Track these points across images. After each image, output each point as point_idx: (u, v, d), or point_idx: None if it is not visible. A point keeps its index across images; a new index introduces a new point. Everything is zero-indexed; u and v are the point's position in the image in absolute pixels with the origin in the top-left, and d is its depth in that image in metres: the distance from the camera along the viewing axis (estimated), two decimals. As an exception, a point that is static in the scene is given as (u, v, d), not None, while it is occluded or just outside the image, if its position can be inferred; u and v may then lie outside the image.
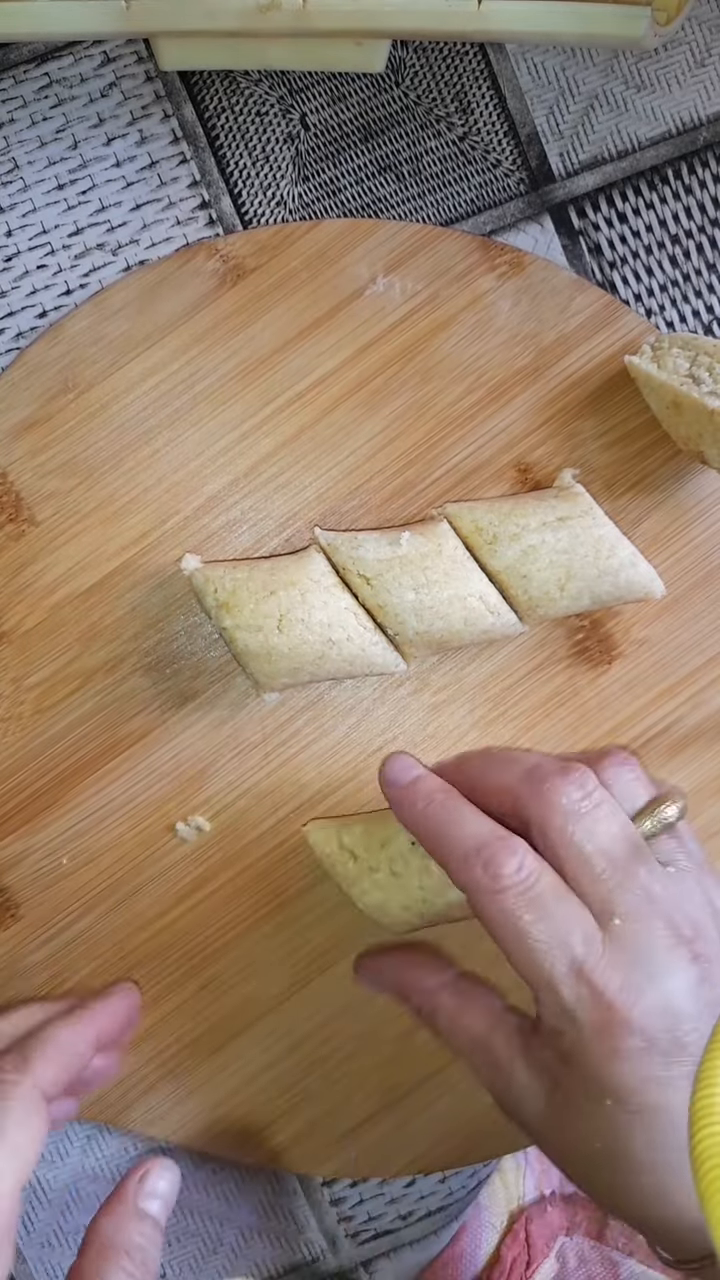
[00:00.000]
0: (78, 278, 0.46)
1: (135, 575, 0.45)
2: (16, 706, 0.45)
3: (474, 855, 0.35)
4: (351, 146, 0.46)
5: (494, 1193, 0.48)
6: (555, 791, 0.35)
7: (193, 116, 0.46)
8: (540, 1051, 0.35)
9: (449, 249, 0.44)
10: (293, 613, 0.41)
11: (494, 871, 0.34)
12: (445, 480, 0.45)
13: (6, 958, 0.46)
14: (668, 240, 0.47)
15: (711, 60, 0.46)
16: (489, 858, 0.35)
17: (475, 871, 0.35)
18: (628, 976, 0.33)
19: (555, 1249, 0.46)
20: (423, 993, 0.39)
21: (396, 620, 0.41)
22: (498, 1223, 0.47)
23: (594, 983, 0.33)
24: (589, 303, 0.45)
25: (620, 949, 0.34)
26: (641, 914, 0.34)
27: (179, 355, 0.44)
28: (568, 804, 0.35)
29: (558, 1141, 0.36)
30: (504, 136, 0.46)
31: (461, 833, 0.36)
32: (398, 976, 0.41)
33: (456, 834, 0.36)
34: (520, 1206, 0.48)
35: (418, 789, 0.38)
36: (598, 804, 0.35)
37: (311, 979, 0.46)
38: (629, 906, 0.34)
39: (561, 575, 0.41)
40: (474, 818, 0.36)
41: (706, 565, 0.45)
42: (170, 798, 0.45)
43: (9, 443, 0.44)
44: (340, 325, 0.44)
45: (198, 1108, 0.47)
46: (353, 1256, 0.49)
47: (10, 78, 0.45)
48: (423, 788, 0.38)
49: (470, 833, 0.36)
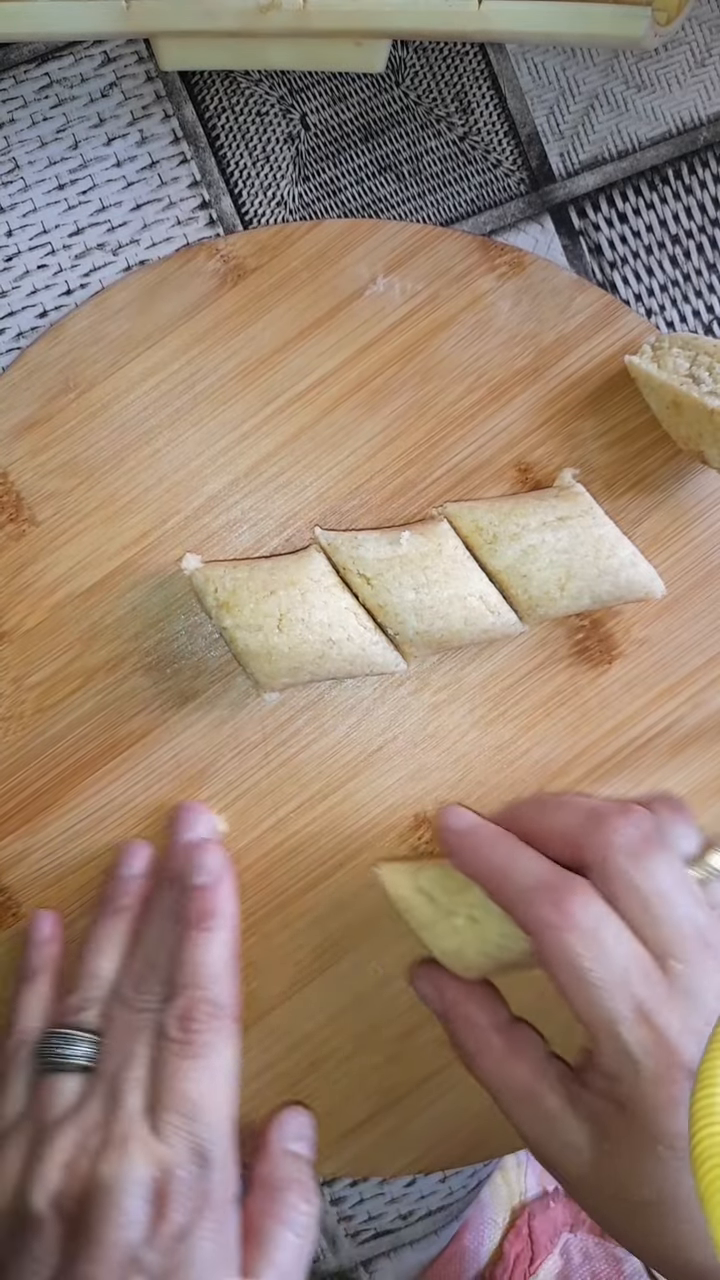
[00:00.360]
0: (78, 278, 0.46)
1: (136, 575, 0.45)
2: (17, 706, 0.45)
3: (540, 892, 0.35)
4: (351, 146, 0.46)
5: (496, 1190, 0.48)
6: (616, 832, 0.35)
7: (193, 116, 0.46)
8: (590, 1099, 0.35)
9: (449, 249, 0.44)
10: (293, 612, 0.41)
11: (562, 910, 0.34)
12: (445, 480, 0.45)
13: (7, 958, 0.46)
14: (668, 240, 0.47)
15: (711, 60, 0.46)
16: (555, 897, 0.35)
17: (542, 908, 0.35)
18: (686, 1020, 0.33)
19: (559, 1245, 0.46)
20: (474, 1029, 0.39)
21: (396, 620, 0.41)
22: (500, 1219, 0.47)
23: (656, 1025, 0.33)
24: (589, 303, 0.45)
25: (679, 992, 0.33)
26: (699, 959, 0.34)
27: (179, 355, 0.44)
28: (628, 844, 0.35)
29: (602, 1190, 0.35)
30: (504, 136, 0.46)
31: (526, 871, 0.36)
32: (455, 1005, 0.40)
33: (521, 872, 0.36)
34: (523, 1202, 0.48)
35: (478, 834, 0.39)
36: (657, 847, 0.35)
37: (311, 979, 0.46)
38: (687, 950, 0.34)
39: (562, 575, 0.41)
40: (536, 858, 0.37)
41: (706, 565, 0.45)
42: (170, 798, 0.45)
43: (9, 443, 0.44)
44: (340, 325, 0.45)
45: (198, 1107, 0.47)
46: (353, 1256, 0.49)
47: (10, 78, 0.45)
48: (483, 832, 0.39)
49: (535, 871, 0.36)
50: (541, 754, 0.46)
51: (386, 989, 0.46)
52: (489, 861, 0.38)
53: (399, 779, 0.46)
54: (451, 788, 0.46)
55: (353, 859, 0.46)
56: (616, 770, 0.46)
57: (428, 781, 0.46)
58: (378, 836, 0.46)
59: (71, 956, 0.46)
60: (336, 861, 0.46)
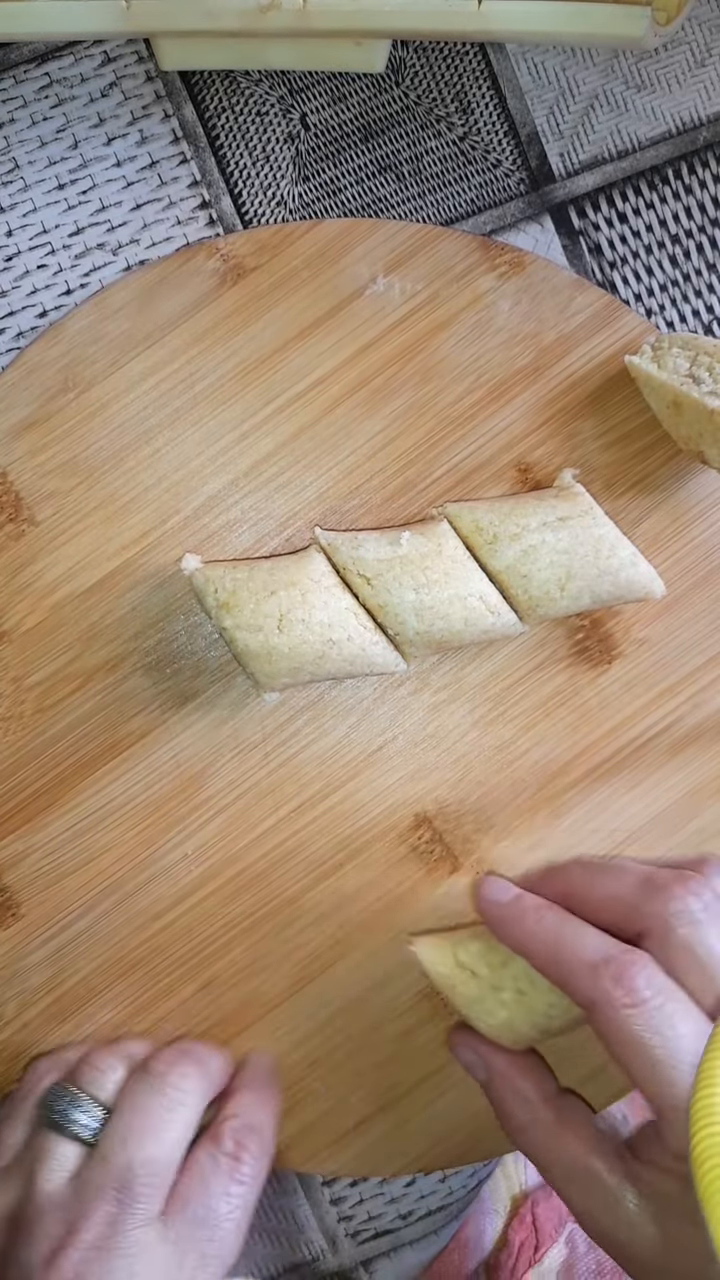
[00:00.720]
0: (78, 277, 0.46)
1: (135, 575, 0.45)
2: (17, 706, 0.45)
3: (602, 968, 0.34)
4: (351, 146, 0.46)
5: (495, 1184, 0.48)
6: (676, 900, 0.34)
7: (193, 116, 0.46)
8: (654, 1176, 0.34)
9: (449, 249, 0.44)
10: (293, 613, 0.41)
11: (627, 985, 0.33)
12: (445, 480, 0.45)
13: (6, 957, 0.46)
14: (668, 240, 0.47)
15: (711, 60, 0.46)
16: (618, 972, 0.33)
17: (604, 985, 0.34)
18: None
19: (564, 1234, 0.46)
20: (523, 1101, 0.38)
21: (396, 620, 0.41)
22: (501, 1208, 0.47)
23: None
24: (589, 303, 0.45)
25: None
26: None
27: (179, 355, 0.44)
28: (688, 913, 0.34)
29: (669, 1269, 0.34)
30: (504, 136, 0.46)
31: (583, 945, 0.35)
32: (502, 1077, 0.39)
33: (577, 947, 0.35)
34: (524, 1191, 0.48)
35: (523, 905, 0.37)
36: (716, 915, 0.34)
37: (311, 979, 0.46)
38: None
39: (562, 575, 0.41)
40: (591, 931, 0.36)
41: (706, 565, 0.45)
42: (170, 798, 0.45)
43: (9, 443, 0.44)
44: (340, 325, 0.44)
45: (198, 1107, 0.47)
46: (353, 1256, 0.49)
47: (10, 78, 0.45)
48: (528, 903, 0.37)
49: (592, 945, 0.35)
50: (541, 754, 0.46)
51: (386, 989, 0.46)
52: (535, 935, 0.36)
53: (399, 779, 0.46)
54: (451, 788, 0.46)
55: (353, 859, 0.46)
56: (616, 770, 0.46)
57: (428, 781, 0.46)
58: (378, 837, 0.46)
59: (73, 956, 0.46)
60: (336, 861, 0.46)
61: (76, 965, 0.46)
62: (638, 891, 0.36)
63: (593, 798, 0.46)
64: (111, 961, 0.46)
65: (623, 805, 0.46)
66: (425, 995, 0.46)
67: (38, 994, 0.46)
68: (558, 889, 0.38)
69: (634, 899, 0.35)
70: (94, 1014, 0.46)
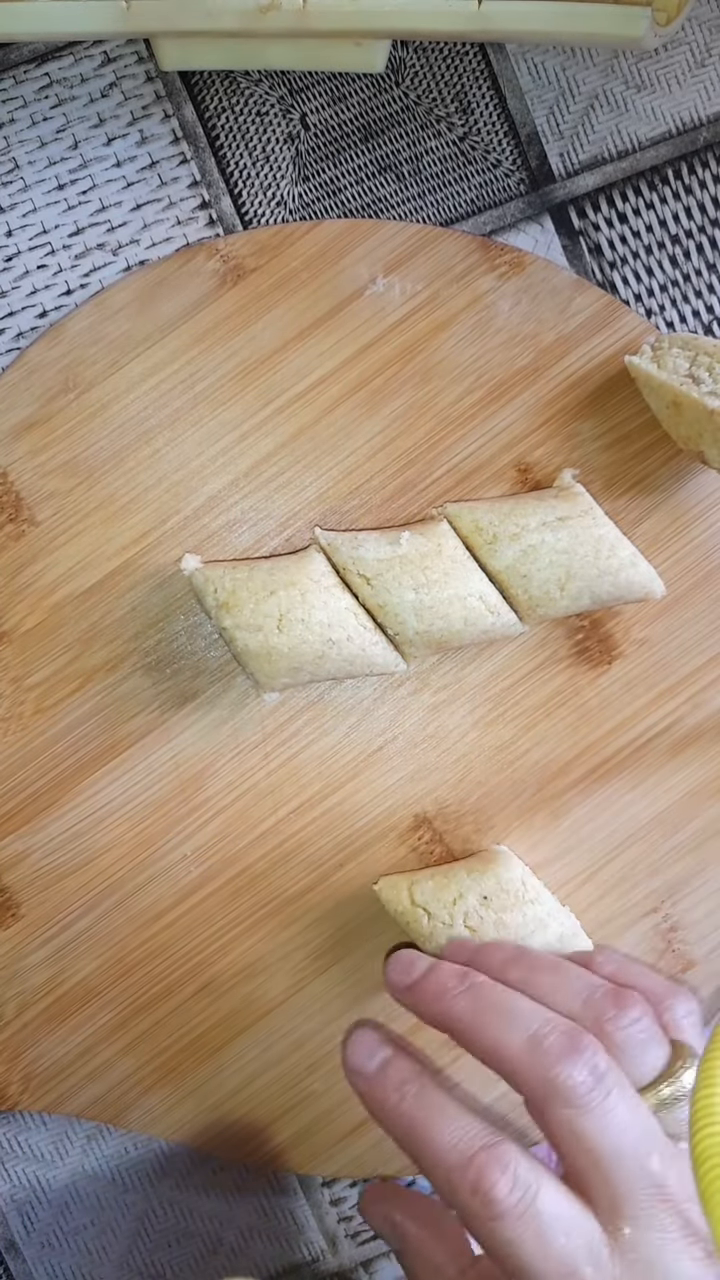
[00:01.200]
0: (78, 278, 0.46)
1: (135, 575, 0.45)
2: (17, 706, 0.45)
3: (459, 1174, 0.31)
4: (351, 146, 0.46)
5: None
6: (562, 1077, 0.31)
7: (193, 116, 0.46)
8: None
9: (449, 249, 0.44)
10: (293, 613, 0.41)
11: (485, 1195, 0.30)
12: (445, 480, 0.45)
13: (6, 958, 0.46)
14: (668, 240, 0.47)
15: (711, 60, 0.46)
16: (476, 1177, 0.31)
17: (463, 1195, 0.31)
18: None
19: None
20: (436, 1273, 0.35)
21: (396, 620, 0.41)
22: None
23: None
24: (589, 303, 0.45)
25: (631, 1263, 0.30)
26: (652, 1215, 0.31)
27: (179, 355, 0.44)
28: (576, 1094, 0.31)
29: None
30: (504, 136, 0.46)
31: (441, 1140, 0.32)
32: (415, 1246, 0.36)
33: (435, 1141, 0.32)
34: None
35: (387, 1078, 0.35)
36: (609, 1091, 0.32)
37: (311, 979, 0.46)
38: (639, 1208, 0.31)
39: (561, 575, 0.41)
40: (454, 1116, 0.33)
41: (706, 565, 0.45)
42: (170, 798, 0.45)
43: (9, 443, 0.44)
44: (340, 325, 0.44)
45: (197, 1108, 0.47)
46: (353, 1256, 0.49)
47: (10, 78, 0.45)
48: (392, 1077, 0.35)
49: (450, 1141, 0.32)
50: (541, 754, 0.46)
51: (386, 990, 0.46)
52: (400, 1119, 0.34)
53: (399, 779, 0.46)
54: (451, 788, 0.46)
55: (353, 859, 0.46)
56: (616, 770, 0.46)
57: (428, 782, 0.46)
58: (377, 837, 0.46)
59: (73, 956, 0.46)
60: (336, 862, 0.46)
61: (76, 965, 0.46)
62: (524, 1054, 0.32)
63: (593, 798, 0.46)
64: (111, 961, 0.46)
65: (623, 805, 0.46)
66: (425, 995, 0.46)
67: (38, 994, 0.46)
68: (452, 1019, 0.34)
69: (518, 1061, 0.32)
70: (94, 1014, 0.46)
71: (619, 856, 0.46)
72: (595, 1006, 0.34)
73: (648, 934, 0.46)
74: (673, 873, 0.46)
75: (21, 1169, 0.49)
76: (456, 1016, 0.34)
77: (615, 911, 0.46)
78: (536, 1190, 0.31)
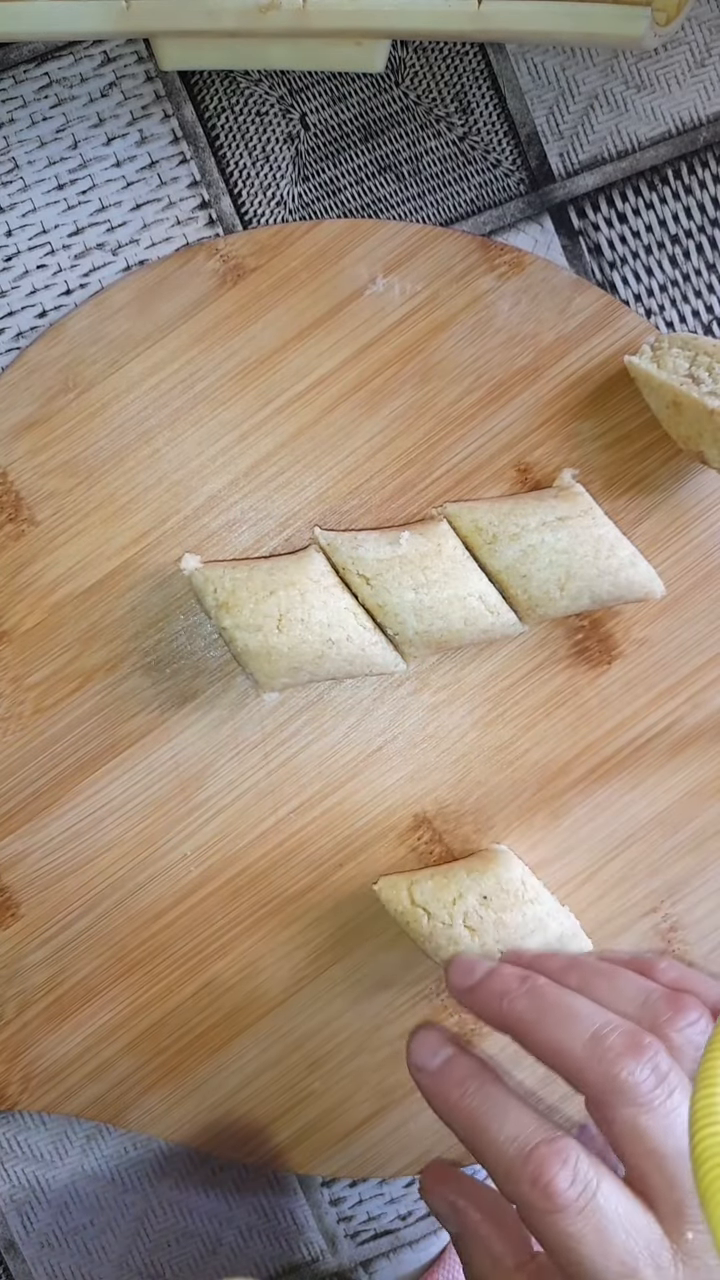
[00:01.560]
0: (78, 278, 0.46)
1: (135, 575, 0.45)
2: (16, 706, 0.45)
3: (519, 1166, 0.31)
4: (351, 146, 0.46)
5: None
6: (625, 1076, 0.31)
7: (193, 116, 0.46)
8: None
9: (449, 249, 0.44)
10: (292, 612, 0.41)
11: (545, 1188, 0.30)
12: (445, 480, 0.45)
13: (6, 957, 0.46)
14: (668, 240, 0.47)
15: (711, 60, 0.46)
16: (536, 1170, 0.30)
17: (523, 1187, 0.31)
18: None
19: None
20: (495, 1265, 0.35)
21: (396, 620, 0.41)
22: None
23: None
24: (589, 303, 0.45)
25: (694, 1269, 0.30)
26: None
27: (179, 355, 0.44)
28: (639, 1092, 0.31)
29: None
30: (504, 136, 0.46)
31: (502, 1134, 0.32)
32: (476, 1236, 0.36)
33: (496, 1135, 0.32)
34: None
35: (449, 1075, 0.35)
36: (671, 1090, 0.31)
37: (311, 979, 0.46)
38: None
39: (561, 575, 0.41)
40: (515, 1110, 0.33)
41: (706, 565, 0.45)
42: (170, 798, 0.45)
43: (9, 443, 0.44)
44: (340, 325, 0.44)
45: (197, 1107, 0.47)
46: (353, 1256, 0.49)
47: (10, 78, 0.45)
48: (455, 1073, 0.35)
49: (510, 1133, 0.32)
50: (541, 754, 0.46)
51: (386, 990, 0.46)
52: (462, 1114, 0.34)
53: (398, 779, 0.46)
54: (451, 788, 0.46)
55: (352, 859, 0.46)
56: (616, 770, 0.46)
57: (427, 782, 0.46)
58: (377, 837, 0.46)
59: (73, 956, 0.46)
60: (336, 862, 0.46)
61: (76, 965, 0.46)
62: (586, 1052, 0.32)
63: (593, 798, 0.46)
64: (111, 961, 0.46)
65: (623, 805, 0.46)
66: (425, 996, 0.46)
67: (38, 994, 0.46)
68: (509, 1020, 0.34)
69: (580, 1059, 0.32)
70: (94, 1014, 0.46)
71: (619, 856, 0.46)
72: (653, 1009, 0.34)
73: (648, 934, 0.46)
74: (673, 873, 0.46)
75: (21, 1169, 0.49)
76: (518, 1016, 0.34)
77: (615, 911, 0.46)
78: (597, 1186, 0.30)
